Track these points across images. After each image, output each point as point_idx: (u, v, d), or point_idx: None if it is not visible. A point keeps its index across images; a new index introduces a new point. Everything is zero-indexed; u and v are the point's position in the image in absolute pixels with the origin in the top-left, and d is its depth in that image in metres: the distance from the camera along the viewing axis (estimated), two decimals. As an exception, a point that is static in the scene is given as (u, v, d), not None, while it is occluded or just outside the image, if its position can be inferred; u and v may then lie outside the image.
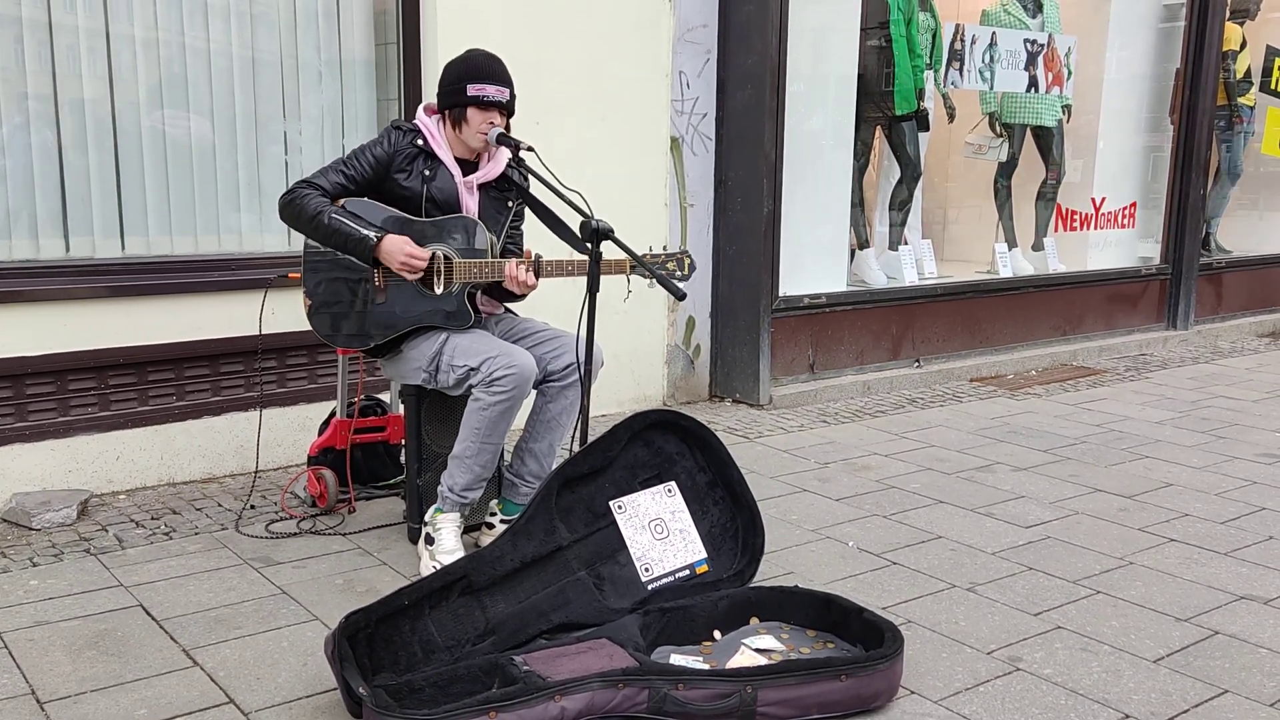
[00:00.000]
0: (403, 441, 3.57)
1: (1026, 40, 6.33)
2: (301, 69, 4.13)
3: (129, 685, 2.42)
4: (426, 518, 3.12)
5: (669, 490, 2.87)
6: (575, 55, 4.55)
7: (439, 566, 2.88)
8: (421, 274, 3.04)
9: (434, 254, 3.06)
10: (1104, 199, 7.02)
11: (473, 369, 2.99)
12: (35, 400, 3.58)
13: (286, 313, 3.95)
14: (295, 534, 3.38)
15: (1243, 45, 7.53)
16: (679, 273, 3.12)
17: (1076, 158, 6.97)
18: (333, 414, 3.67)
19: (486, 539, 3.23)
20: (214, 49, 3.94)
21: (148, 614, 2.79)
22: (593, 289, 2.88)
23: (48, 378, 3.59)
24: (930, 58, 5.96)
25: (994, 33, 6.17)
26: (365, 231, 2.99)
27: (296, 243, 4.03)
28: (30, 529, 3.38)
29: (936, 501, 3.80)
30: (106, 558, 3.17)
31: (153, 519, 3.51)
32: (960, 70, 6.08)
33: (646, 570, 2.74)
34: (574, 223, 3.05)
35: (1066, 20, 6.62)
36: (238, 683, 2.43)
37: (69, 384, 3.63)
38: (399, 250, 3.00)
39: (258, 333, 3.77)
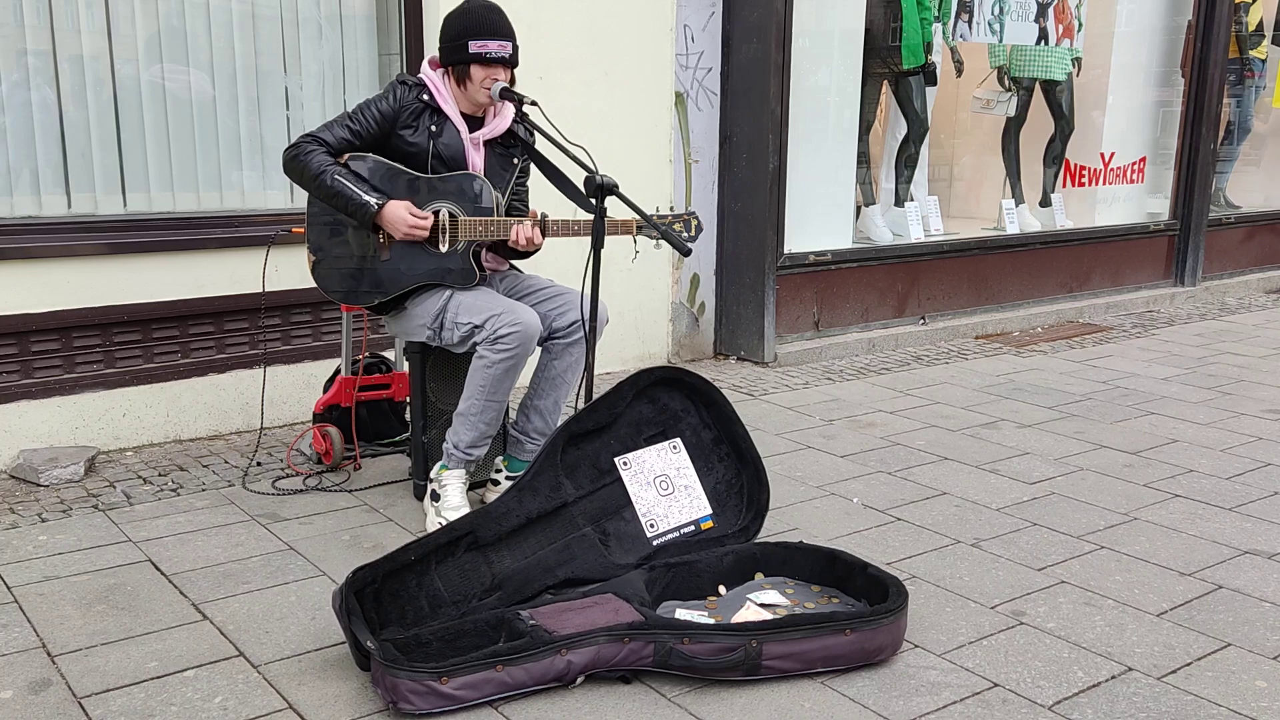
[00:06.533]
0: (407, 399, 3.58)
1: (1037, -9, 6.23)
2: (302, 23, 4.08)
3: (139, 639, 2.44)
4: (432, 474, 3.13)
5: (674, 447, 2.87)
6: (578, 8, 4.49)
7: (445, 523, 2.90)
8: (426, 235, 3.02)
9: (439, 212, 3.04)
10: (1113, 154, 6.95)
11: (477, 326, 2.99)
12: (41, 357, 3.59)
13: (290, 270, 3.94)
14: (301, 491, 3.39)
15: (1255, -3, 7.43)
16: (685, 234, 3.10)
17: (1085, 112, 6.89)
18: (337, 371, 3.67)
19: (492, 495, 3.25)
20: (213, 3, 3.89)
21: (157, 569, 2.82)
22: (597, 245, 2.86)
23: (53, 335, 3.59)
24: (939, 10, 5.87)
25: (1004, -17, 6.07)
26: (366, 197, 2.96)
27: (299, 199, 4.01)
28: (38, 485, 3.39)
29: (941, 458, 3.81)
30: (115, 514, 3.19)
31: (160, 475, 3.52)
32: (969, 22, 5.99)
33: (652, 526, 2.75)
34: (579, 179, 3.03)
35: (1078, -29, 6.52)
36: (247, 636, 2.46)
37: (74, 341, 3.63)
38: (401, 220, 2.97)
39: (261, 290, 3.76)
